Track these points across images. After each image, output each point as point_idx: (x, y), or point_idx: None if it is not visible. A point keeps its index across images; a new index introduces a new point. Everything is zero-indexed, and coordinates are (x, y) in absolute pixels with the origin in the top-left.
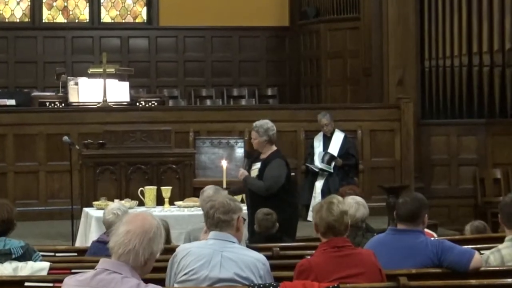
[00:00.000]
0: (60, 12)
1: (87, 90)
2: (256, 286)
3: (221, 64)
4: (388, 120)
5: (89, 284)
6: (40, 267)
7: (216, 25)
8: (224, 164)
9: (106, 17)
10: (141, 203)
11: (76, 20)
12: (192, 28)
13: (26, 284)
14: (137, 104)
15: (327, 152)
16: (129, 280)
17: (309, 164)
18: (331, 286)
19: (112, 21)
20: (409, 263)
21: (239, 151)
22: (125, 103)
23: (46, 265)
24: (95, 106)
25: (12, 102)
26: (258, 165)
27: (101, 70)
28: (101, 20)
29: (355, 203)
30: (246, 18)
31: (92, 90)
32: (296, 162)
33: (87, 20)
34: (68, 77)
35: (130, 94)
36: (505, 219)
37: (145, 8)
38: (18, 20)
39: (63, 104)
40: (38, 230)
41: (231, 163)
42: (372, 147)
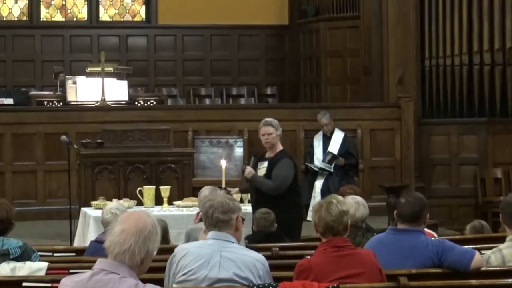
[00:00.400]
0: (58, 10)
1: (85, 89)
2: (255, 286)
3: (220, 63)
4: (388, 119)
5: (86, 285)
6: (38, 267)
7: (215, 24)
8: (223, 163)
9: (104, 15)
10: (140, 203)
11: (74, 19)
12: (191, 26)
13: (24, 284)
14: (136, 103)
15: (330, 151)
16: (127, 280)
17: (309, 164)
18: (331, 286)
19: (111, 19)
20: (409, 263)
21: (238, 150)
22: (124, 102)
23: (44, 265)
24: (94, 105)
25: (10, 101)
26: (265, 164)
27: (100, 69)
28: (100, 19)
29: (355, 203)
30: (245, 16)
31: (91, 89)
32: (295, 161)
33: (85, 19)
34: (66, 76)
35: (129, 93)
36: (506, 219)
37: (143, 6)
38: (16, 19)
39: (61, 103)
40: (36, 230)
41: (230, 162)
42: (372, 147)
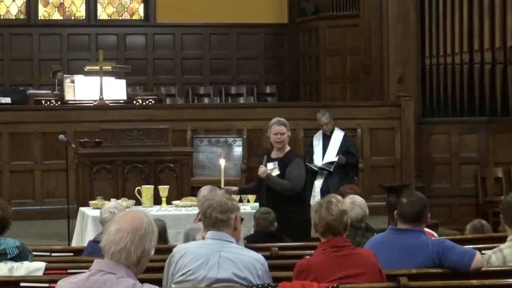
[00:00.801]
0: (56, 9)
1: (84, 88)
2: (254, 287)
3: (219, 61)
4: (388, 119)
5: (83, 286)
6: (35, 267)
7: (214, 22)
8: (222, 163)
9: (102, 14)
10: (138, 203)
11: (72, 17)
12: (190, 25)
13: (22, 284)
14: (134, 102)
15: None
16: (125, 280)
17: (308, 163)
18: (330, 287)
19: (109, 18)
20: (409, 263)
21: (237, 149)
22: (122, 101)
23: (42, 265)
24: (92, 104)
25: (7, 100)
26: (272, 165)
27: (98, 67)
28: (98, 17)
29: (350, 203)
30: (244, 15)
31: (89, 88)
32: None
33: (84, 17)
34: (64, 75)
35: (127, 92)
36: (507, 219)
37: (142, 5)
38: (13, 17)
39: (59, 102)
40: (34, 230)
41: (229, 162)
42: (372, 146)
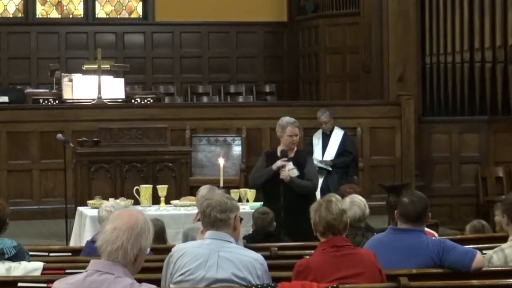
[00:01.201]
0: (54, 7)
1: (82, 87)
2: (253, 287)
3: (218, 60)
4: (388, 117)
5: (81, 287)
6: (33, 267)
7: (213, 21)
8: (221, 162)
9: (101, 12)
10: (137, 202)
11: (70, 16)
12: (189, 23)
13: (19, 284)
14: (133, 101)
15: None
16: (122, 280)
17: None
18: (330, 287)
19: (107, 16)
20: (409, 263)
21: (236, 149)
22: (120, 100)
23: (39, 265)
24: (90, 103)
25: (5, 99)
26: (291, 165)
27: (96, 66)
28: (96, 16)
29: (349, 202)
30: (244, 13)
31: (87, 86)
32: None
33: (82, 16)
34: (62, 74)
35: (125, 91)
36: (510, 218)
37: (140, 3)
38: (11, 16)
39: (57, 101)
40: (32, 230)
41: (228, 161)
42: (372, 145)
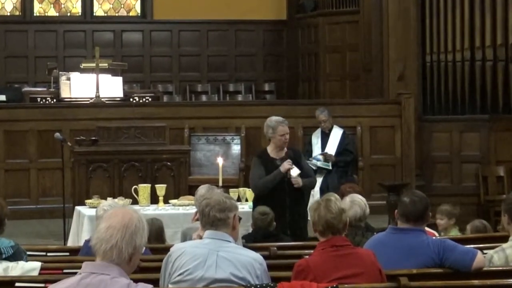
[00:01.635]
0: (52, 5)
1: (80, 86)
2: (252, 287)
3: (217, 58)
4: (389, 116)
5: None
6: (31, 267)
7: (212, 19)
8: (220, 161)
9: (99, 10)
10: (135, 201)
11: (68, 14)
12: (187, 21)
13: (17, 284)
14: (131, 99)
15: (324, 152)
16: (118, 280)
17: (308, 162)
18: (330, 287)
19: (105, 14)
20: (410, 263)
21: (235, 148)
22: (119, 99)
23: (37, 265)
24: (88, 102)
25: (2, 97)
26: (296, 169)
27: (94, 65)
28: (94, 14)
29: (349, 202)
30: (243, 11)
31: (85, 85)
32: None
33: (80, 14)
34: (60, 72)
35: (124, 89)
36: (510, 218)
37: (139, 1)
38: (8, 14)
39: (54, 100)
40: (29, 229)
41: (227, 160)
42: (372, 144)
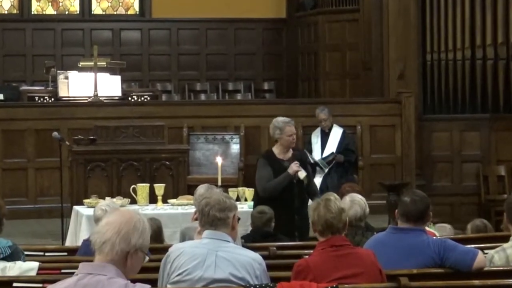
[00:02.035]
0: (50, 3)
1: (78, 84)
2: (252, 287)
3: (216, 57)
4: (389, 115)
5: None
6: (29, 267)
7: (211, 17)
8: (219, 160)
9: (97, 8)
10: (133, 201)
11: (66, 12)
12: (186, 20)
13: (15, 284)
14: (129, 98)
15: (332, 153)
16: (116, 280)
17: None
18: (329, 287)
19: (103, 13)
20: (410, 262)
21: (234, 147)
22: (117, 98)
23: (35, 265)
24: (86, 101)
25: (0, 96)
26: (304, 172)
27: (92, 63)
28: (92, 12)
29: (349, 201)
30: (242, 9)
31: (83, 84)
32: None
33: (78, 12)
34: (58, 71)
35: (122, 88)
36: (510, 218)
37: None
38: (6, 12)
39: (52, 99)
40: (27, 229)
41: (226, 159)
42: (372, 143)
